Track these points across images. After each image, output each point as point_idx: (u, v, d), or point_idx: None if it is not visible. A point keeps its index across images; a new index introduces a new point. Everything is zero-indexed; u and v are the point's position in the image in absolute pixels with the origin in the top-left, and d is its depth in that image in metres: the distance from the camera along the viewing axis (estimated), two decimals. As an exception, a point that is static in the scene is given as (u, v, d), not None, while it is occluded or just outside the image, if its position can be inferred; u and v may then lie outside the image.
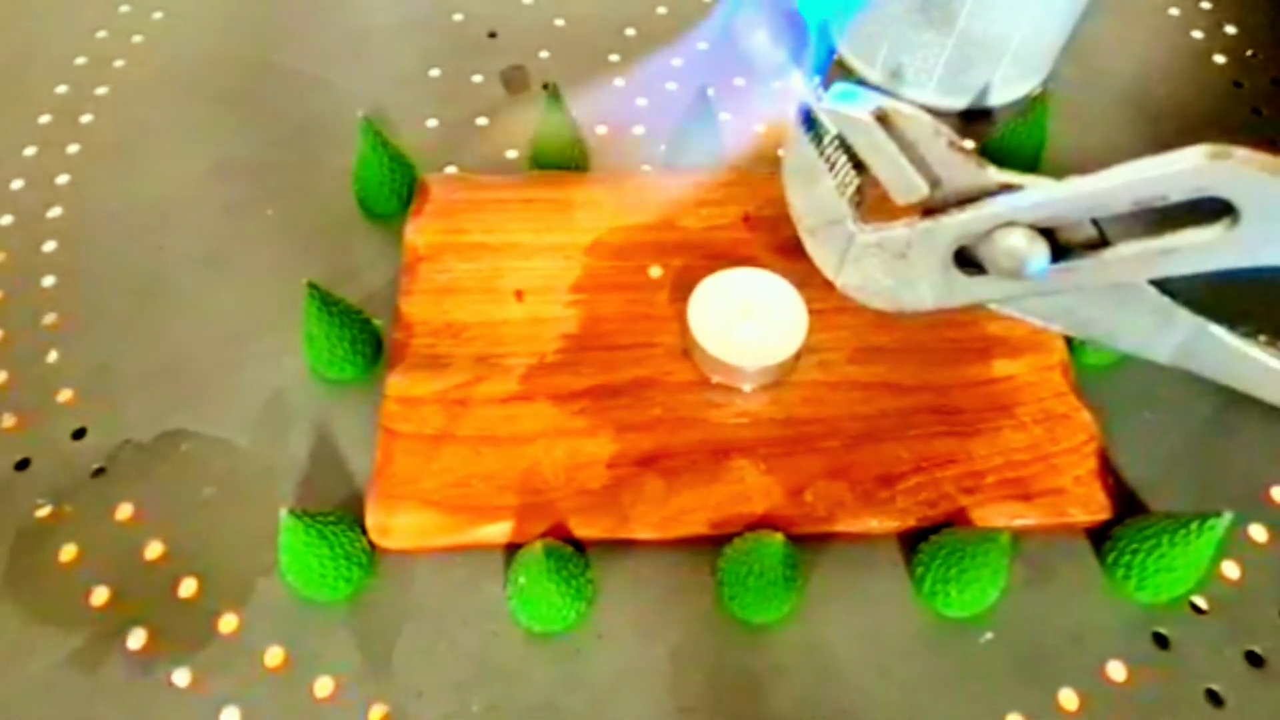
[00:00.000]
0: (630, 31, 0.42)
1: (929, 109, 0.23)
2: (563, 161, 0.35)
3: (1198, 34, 0.43)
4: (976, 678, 0.25)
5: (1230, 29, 0.43)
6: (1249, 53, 0.42)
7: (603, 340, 0.31)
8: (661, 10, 0.43)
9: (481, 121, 0.39)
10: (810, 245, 0.27)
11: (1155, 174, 0.20)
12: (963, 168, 0.24)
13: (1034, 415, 0.29)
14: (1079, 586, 0.27)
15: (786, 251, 0.33)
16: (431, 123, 0.38)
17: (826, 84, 0.25)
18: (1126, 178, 0.21)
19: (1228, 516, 0.24)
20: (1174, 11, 0.44)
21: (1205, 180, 0.19)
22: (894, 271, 0.26)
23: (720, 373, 0.30)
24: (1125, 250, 0.22)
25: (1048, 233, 0.23)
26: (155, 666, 0.25)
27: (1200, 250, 0.21)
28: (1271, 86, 0.41)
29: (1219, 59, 0.42)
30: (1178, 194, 0.20)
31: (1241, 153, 0.19)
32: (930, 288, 0.26)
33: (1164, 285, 0.24)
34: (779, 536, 0.24)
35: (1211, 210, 0.20)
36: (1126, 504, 0.28)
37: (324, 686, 0.25)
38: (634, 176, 0.35)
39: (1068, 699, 0.25)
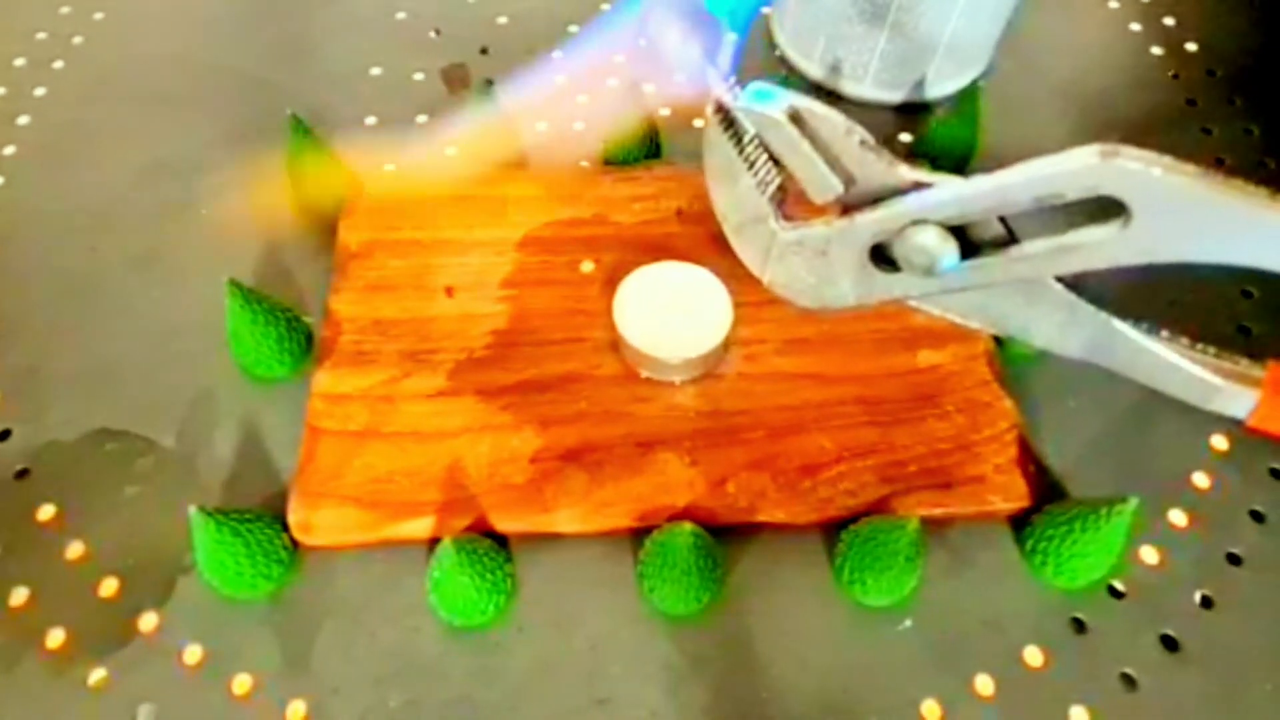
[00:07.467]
0: (573, 29, 0.42)
1: (868, 103, 0.24)
2: (501, 158, 0.35)
3: (1136, 26, 0.43)
4: (893, 665, 0.26)
5: (1169, 20, 0.44)
6: (1187, 45, 0.43)
7: (532, 335, 0.31)
8: (605, 7, 0.43)
9: (421, 119, 0.39)
10: (736, 243, 0.27)
11: (1050, 172, 0.20)
12: (875, 166, 0.24)
13: (957, 404, 0.29)
14: (999, 573, 0.27)
15: (719, 246, 0.33)
16: (370, 120, 0.38)
17: (747, 81, 0.25)
18: (1025, 175, 0.21)
19: (1134, 502, 0.24)
20: (1113, 4, 0.44)
21: (1096, 179, 0.20)
22: (816, 269, 0.26)
23: (646, 366, 0.30)
24: (1030, 248, 0.23)
25: (960, 231, 0.23)
26: (72, 666, 0.25)
27: (1098, 248, 0.21)
28: (1207, 78, 0.41)
29: (1156, 50, 0.42)
30: (1073, 192, 0.20)
31: (1130, 151, 0.19)
32: (851, 285, 0.26)
33: (1073, 282, 0.24)
34: (688, 526, 0.25)
35: (1113, 209, 0.21)
36: (1050, 492, 0.29)
37: (242, 684, 0.25)
38: (568, 172, 0.36)
39: (983, 684, 0.25)
